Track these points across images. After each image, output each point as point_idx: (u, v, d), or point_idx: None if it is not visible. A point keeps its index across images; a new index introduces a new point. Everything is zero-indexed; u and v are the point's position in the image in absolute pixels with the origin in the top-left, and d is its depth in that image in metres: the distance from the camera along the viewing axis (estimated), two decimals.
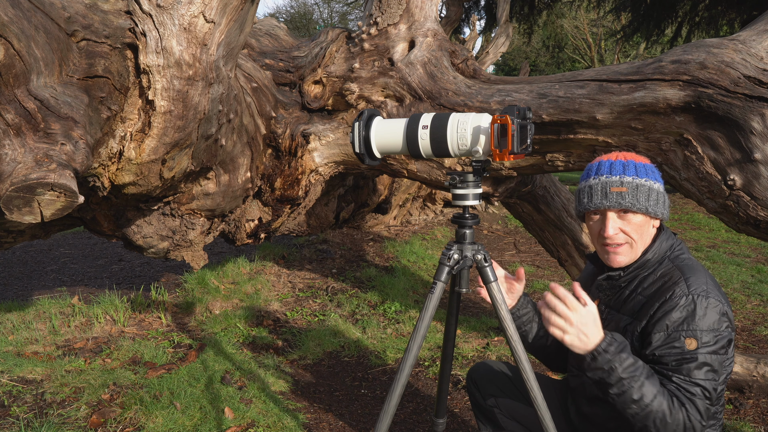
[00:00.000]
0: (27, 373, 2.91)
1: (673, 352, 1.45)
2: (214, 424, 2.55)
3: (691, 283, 1.49)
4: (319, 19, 25.58)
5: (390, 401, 1.57)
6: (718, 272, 5.21)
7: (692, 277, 1.50)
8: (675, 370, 1.45)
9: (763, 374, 2.75)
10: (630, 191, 1.54)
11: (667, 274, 1.55)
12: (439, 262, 1.61)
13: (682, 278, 1.51)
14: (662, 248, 1.60)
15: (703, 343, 1.43)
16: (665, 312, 1.47)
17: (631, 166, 1.56)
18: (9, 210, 1.45)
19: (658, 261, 1.59)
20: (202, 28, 1.89)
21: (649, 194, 1.54)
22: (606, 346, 1.42)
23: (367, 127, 1.66)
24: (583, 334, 1.42)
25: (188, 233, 2.62)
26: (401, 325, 3.86)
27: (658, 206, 1.56)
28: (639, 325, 1.53)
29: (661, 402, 1.40)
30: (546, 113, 2.49)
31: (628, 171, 1.56)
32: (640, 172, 1.55)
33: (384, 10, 2.93)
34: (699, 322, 1.44)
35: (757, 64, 2.18)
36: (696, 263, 1.58)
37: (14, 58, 1.46)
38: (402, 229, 6.73)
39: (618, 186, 1.54)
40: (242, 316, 3.93)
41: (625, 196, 1.54)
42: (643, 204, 1.54)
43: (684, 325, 1.45)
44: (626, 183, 1.54)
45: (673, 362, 1.44)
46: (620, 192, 1.54)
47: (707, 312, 1.45)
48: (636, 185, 1.54)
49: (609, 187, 1.56)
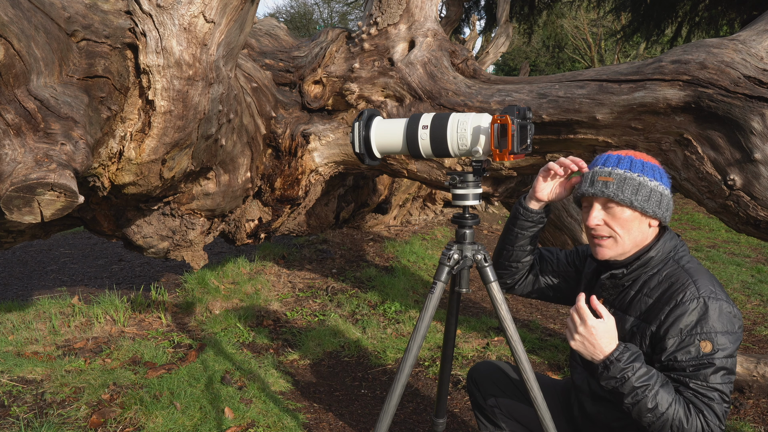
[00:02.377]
0: (27, 373, 2.91)
1: (689, 357, 1.44)
2: (214, 424, 2.55)
3: (700, 286, 1.48)
4: (319, 19, 25.58)
5: (390, 401, 1.57)
6: (718, 272, 5.21)
7: (700, 280, 1.49)
8: (692, 376, 1.44)
9: (763, 374, 2.75)
10: (616, 182, 1.52)
11: (673, 275, 1.53)
12: (439, 262, 1.61)
13: (690, 281, 1.49)
14: (666, 247, 1.58)
15: (719, 345, 1.43)
16: (677, 316, 1.46)
17: (627, 161, 1.55)
18: (9, 210, 1.45)
19: (662, 260, 1.57)
20: (202, 28, 1.89)
21: (638, 189, 1.51)
22: (618, 355, 1.44)
23: (367, 127, 1.66)
24: (590, 344, 1.47)
25: (188, 233, 2.62)
26: (401, 325, 3.86)
27: (649, 203, 1.52)
28: (648, 328, 1.52)
29: (677, 410, 1.40)
30: (546, 113, 2.49)
31: (621, 164, 1.54)
32: (634, 167, 1.53)
33: (384, 10, 2.93)
34: (713, 325, 1.44)
35: (757, 64, 2.18)
36: (700, 266, 1.57)
37: (14, 58, 1.46)
38: (402, 229, 6.73)
39: (605, 176, 1.53)
40: (242, 316, 3.93)
41: (610, 186, 1.52)
42: (628, 197, 1.51)
43: (698, 328, 1.44)
44: (614, 174, 1.53)
45: (690, 367, 1.44)
46: (606, 181, 1.53)
47: (720, 314, 1.45)
48: (624, 178, 1.52)
49: (597, 176, 1.55)
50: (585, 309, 1.48)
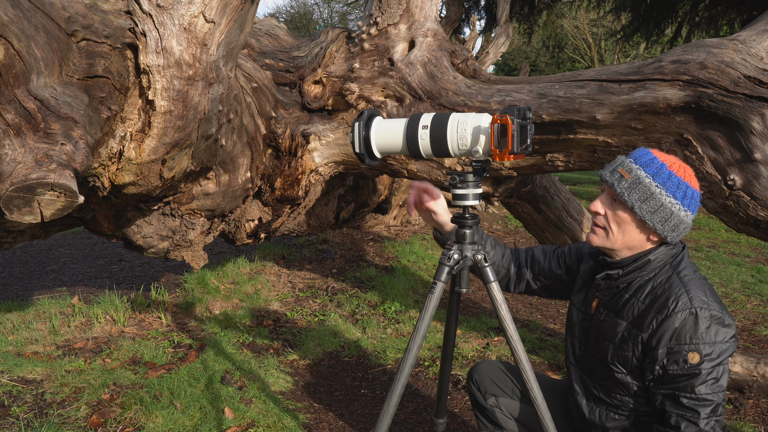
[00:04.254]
0: (27, 373, 2.91)
1: (676, 368, 1.44)
2: (214, 424, 2.55)
3: (693, 297, 1.46)
4: (319, 19, 25.58)
5: (390, 401, 1.57)
6: (718, 272, 5.21)
7: (693, 290, 1.48)
8: (680, 388, 1.44)
9: (763, 374, 2.75)
10: (630, 181, 1.49)
11: (667, 283, 1.52)
12: (439, 262, 1.61)
13: (683, 290, 1.48)
14: (666, 255, 1.55)
15: (706, 356, 1.42)
16: (667, 326, 1.46)
17: (656, 166, 1.49)
18: (9, 210, 1.45)
19: (659, 267, 1.55)
20: (202, 28, 1.89)
21: (647, 198, 1.48)
22: None
23: (367, 127, 1.66)
24: None
25: (188, 233, 2.62)
26: (401, 325, 3.86)
27: (654, 216, 1.48)
28: (640, 335, 1.51)
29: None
30: (546, 113, 2.49)
31: (648, 168, 1.49)
32: (658, 177, 1.48)
33: (384, 10, 2.93)
34: (701, 336, 1.43)
35: (757, 64, 2.18)
36: (697, 274, 1.55)
37: (14, 58, 1.46)
38: (402, 229, 6.73)
39: (626, 171, 1.51)
40: (242, 316, 3.93)
41: (623, 182, 1.50)
42: (633, 201, 1.48)
43: (686, 338, 1.43)
44: (634, 173, 1.49)
45: (679, 378, 1.44)
46: (622, 176, 1.51)
47: (710, 325, 1.43)
48: (640, 181, 1.48)
49: (620, 167, 1.53)
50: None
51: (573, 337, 1.77)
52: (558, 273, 1.86)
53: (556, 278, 1.86)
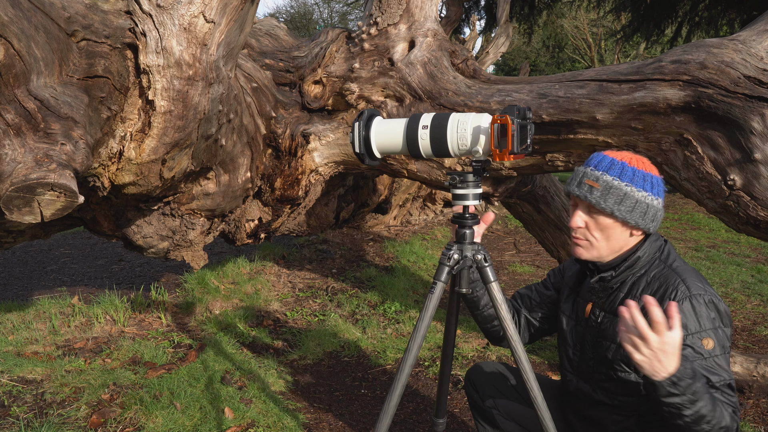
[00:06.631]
0: (27, 373, 2.91)
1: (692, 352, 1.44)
2: (214, 424, 2.55)
3: (690, 285, 1.49)
4: (319, 19, 25.59)
5: (390, 401, 1.57)
6: (718, 272, 5.21)
7: (689, 279, 1.51)
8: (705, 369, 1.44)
9: (763, 374, 2.75)
10: (601, 189, 1.51)
11: (661, 276, 1.54)
12: (439, 262, 1.61)
13: (679, 280, 1.51)
14: (652, 248, 1.59)
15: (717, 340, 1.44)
16: None
17: (618, 167, 1.52)
18: (9, 210, 1.45)
19: (648, 261, 1.58)
20: (202, 28, 1.89)
21: (622, 199, 1.50)
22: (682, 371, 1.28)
23: (367, 127, 1.66)
24: (658, 361, 1.27)
25: (188, 233, 2.62)
26: (401, 325, 3.86)
27: (633, 214, 1.51)
28: None
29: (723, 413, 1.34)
30: (546, 113, 2.49)
31: (612, 171, 1.52)
32: (624, 176, 1.51)
33: (384, 10, 2.93)
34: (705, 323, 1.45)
35: (757, 64, 2.18)
36: (686, 264, 1.58)
37: (14, 58, 1.46)
38: (402, 229, 6.73)
39: (593, 180, 1.53)
40: (242, 316, 3.93)
41: (594, 192, 1.52)
42: (611, 206, 1.51)
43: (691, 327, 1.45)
44: (602, 180, 1.52)
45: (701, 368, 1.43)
46: (591, 186, 1.53)
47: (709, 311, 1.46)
48: (610, 186, 1.51)
49: (585, 178, 1.55)
50: (660, 318, 1.25)
51: (566, 345, 1.77)
52: (548, 294, 1.89)
53: (550, 301, 1.88)
